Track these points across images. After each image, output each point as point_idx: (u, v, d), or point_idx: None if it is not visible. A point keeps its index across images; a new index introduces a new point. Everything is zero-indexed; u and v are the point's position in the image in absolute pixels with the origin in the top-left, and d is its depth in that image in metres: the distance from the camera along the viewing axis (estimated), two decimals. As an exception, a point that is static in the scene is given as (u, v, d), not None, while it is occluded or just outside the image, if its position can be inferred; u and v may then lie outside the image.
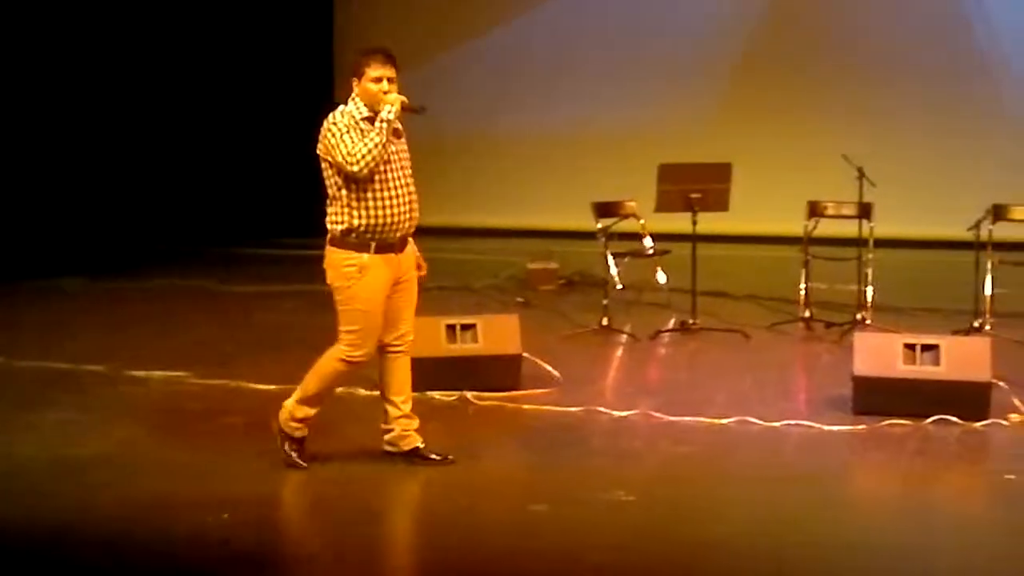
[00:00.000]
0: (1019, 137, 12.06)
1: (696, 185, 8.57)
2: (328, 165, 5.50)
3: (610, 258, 9.22)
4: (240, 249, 12.90)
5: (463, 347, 7.02)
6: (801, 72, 12.65)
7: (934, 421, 6.31)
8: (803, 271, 8.99)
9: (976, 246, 8.68)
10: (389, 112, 5.43)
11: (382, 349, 5.63)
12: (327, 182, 5.53)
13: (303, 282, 10.78)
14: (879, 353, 6.61)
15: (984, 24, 12.46)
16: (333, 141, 5.43)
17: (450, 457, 5.70)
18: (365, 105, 5.49)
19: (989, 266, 8.61)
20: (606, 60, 13.05)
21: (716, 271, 9.39)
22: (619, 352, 8.37)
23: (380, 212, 5.46)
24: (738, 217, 9.25)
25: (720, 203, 8.67)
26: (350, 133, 5.42)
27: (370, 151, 5.38)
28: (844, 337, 8.08)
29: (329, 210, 5.53)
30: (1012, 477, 5.58)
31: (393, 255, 5.54)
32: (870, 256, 8.89)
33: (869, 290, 8.82)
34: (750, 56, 12.89)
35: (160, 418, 6.64)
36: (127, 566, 4.62)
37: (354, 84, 5.57)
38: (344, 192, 5.45)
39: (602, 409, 6.63)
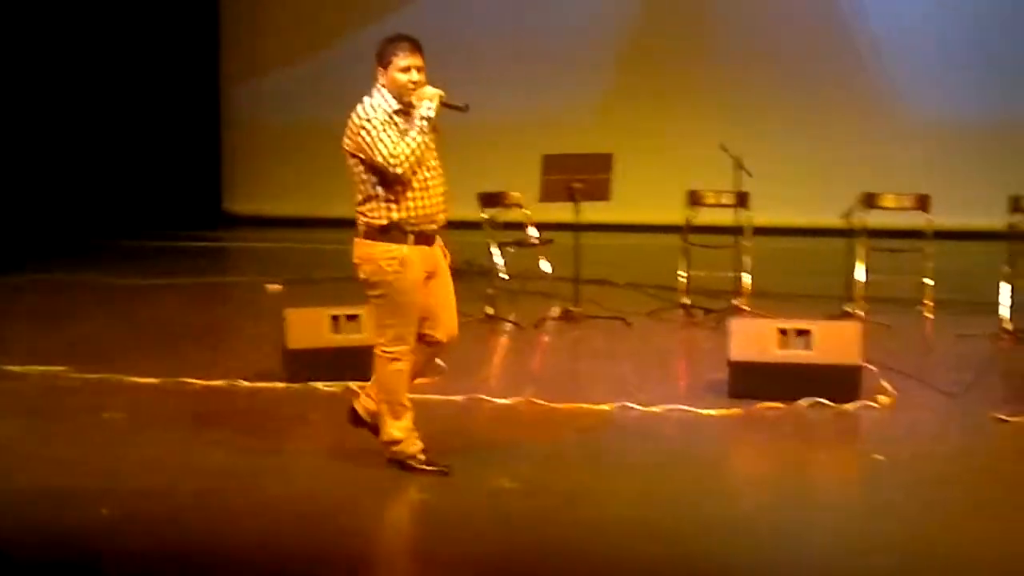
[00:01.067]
0: (890, 128, 12.36)
1: (579, 175, 8.64)
2: (359, 161, 5.24)
3: (495, 248, 9.26)
4: (125, 242, 12.66)
5: (347, 337, 6.98)
6: (682, 65, 12.80)
7: (807, 404, 6.45)
8: (683, 259, 9.12)
9: (848, 233, 8.91)
10: (430, 109, 5.22)
11: (420, 338, 5.47)
12: (358, 178, 5.27)
13: (188, 275, 10.73)
14: (754, 338, 6.73)
15: (857, 20, 12.73)
16: (369, 139, 5.16)
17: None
18: (393, 96, 5.26)
19: (861, 252, 8.82)
20: (490, 51, 13.06)
21: (599, 260, 9.47)
22: (503, 340, 8.40)
23: (419, 204, 5.26)
24: (620, 206, 9.36)
25: (602, 192, 8.74)
26: (387, 131, 5.17)
27: (413, 152, 5.16)
28: (722, 323, 8.20)
29: (364, 206, 5.27)
30: (880, 457, 5.71)
31: (427, 247, 5.36)
32: (747, 244, 9.06)
33: (746, 277, 8.98)
34: (632, 48, 13.00)
35: (39, 413, 6.49)
36: (8, 560, 4.52)
37: (379, 73, 5.31)
38: (381, 189, 5.21)
39: (486, 397, 6.64)
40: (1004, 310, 8.23)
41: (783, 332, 6.69)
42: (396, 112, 5.25)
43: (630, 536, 4.84)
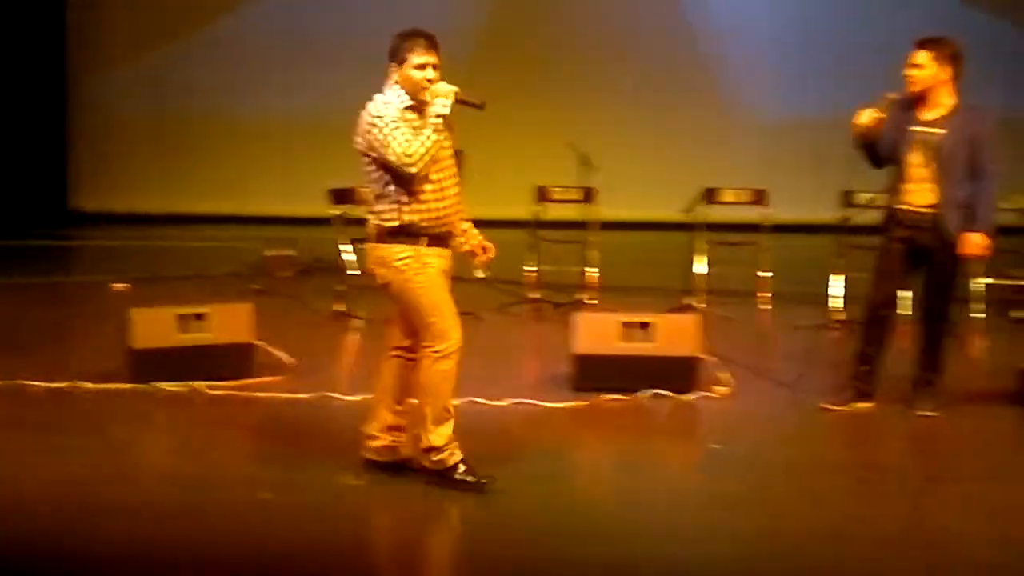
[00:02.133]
0: (730, 126, 12.65)
1: (428, 172, 8.64)
2: (371, 160, 5.05)
3: (346, 244, 9.20)
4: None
5: (196, 336, 6.88)
6: (530, 63, 12.89)
7: (647, 395, 6.58)
8: (531, 254, 9.22)
9: (689, 227, 9.12)
10: (445, 107, 5.06)
11: (397, 349, 5.30)
12: (370, 177, 5.09)
13: (30, 275, 10.40)
14: (597, 331, 6.84)
15: (700, 21, 12.99)
16: (380, 137, 4.98)
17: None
18: (407, 93, 5.09)
19: (701, 246, 9.03)
20: (342, 47, 12.94)
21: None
22: (354, 338, 8.37)
23: (433, 206, 5.10)
24: (470, 202, 9.29)
25: (451, 189, 8.75)
26: (400, 128, 5.00)
27: (428, 150, 4.99)
28: (569, 317, 8.30)
29: (377, 207, 5.10)
30: (717, 446, 5.86)
31: (443, 250, 5.21)
32: (594, 239, 9.20)
33: (593, 271, 9.12)
34: (480, 46, 13.03)
35: None
36: None
37: (392, 69, 5.14)
38: (393, 188, 5.03)
39: (334, 395, 6.62)
40: (835, 301, 8.51)
41: (626, 325, 6.82)
42: (409, 108, 5.09)
43: (475, 531, 4.88)
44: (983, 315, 8.58)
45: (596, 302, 8.76)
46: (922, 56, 6.11)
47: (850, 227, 8.62)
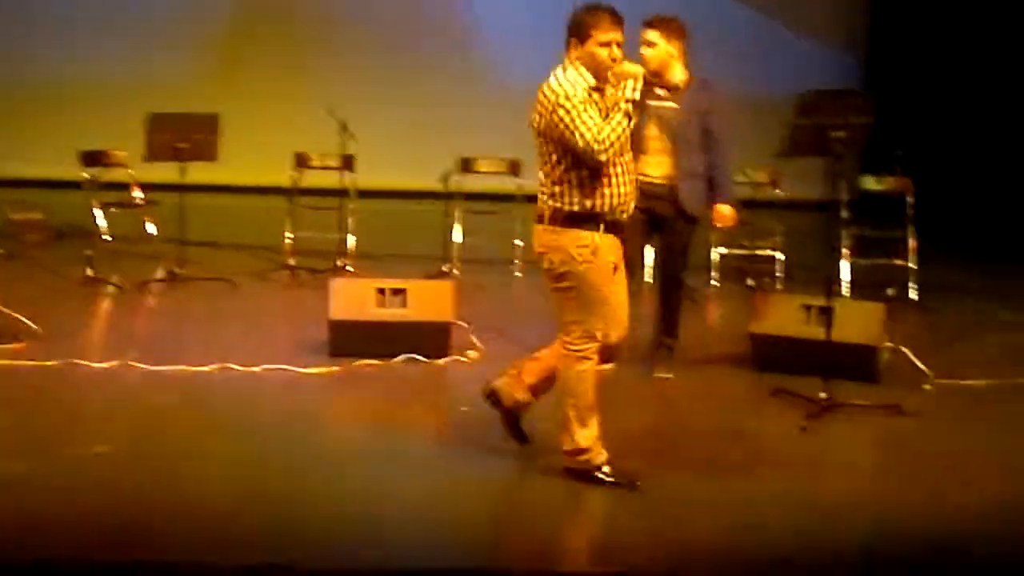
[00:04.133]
0: (487, 96, 12.76)
1: (185, 135, 8.45)
2: (547, 141, 4.74)
3: (97, 208, 8.93)
4: None
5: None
6: (289, 29, 12.66)
7: (401, 360, 6.62)
8: (289, 220, 9.12)
9: (447, 196, 9.20)
10: (635, 91, 4.70)
11: None
12: (547, 158, 4.76)
13: None
14: (353, 298, 6.85)
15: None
16: (567, 120, 4.64)
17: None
18: (590, 72, 4.76)
19: (457, 214, 9.13)
20: (80, 8, 12.42)
21: (205, 221, 9.29)
22: (104, 303, 8.11)
23: (615, 192, 4.79)
24: (227, 168, 9.22)
25: (208, 153, 8.60)
26: (588, 111, 4.66)
27: (619, 137, 4.67)
28: (326, 283, 8.26)
29: (555, 189, 4.76)
30: (466, 409, 5.94)
31: (616, 238, 4.87)
32: (352, 206, 9.18)
33: (351, 238, 9.10)
34: (240, 11, 12.76)
35: None
36: None
37: (573, 45, 4.80)
38: (574, 173, 4.72)
39: (82, 361, 6.41)
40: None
41: (381, 292, 6.84)
42: (594, 89, 4.79)
43: (234, 499, 4.82)
44: (718, 283, 9.00)
45: (353, 269, 8.74)
46: (652, 35, 6.32)
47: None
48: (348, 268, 8.77)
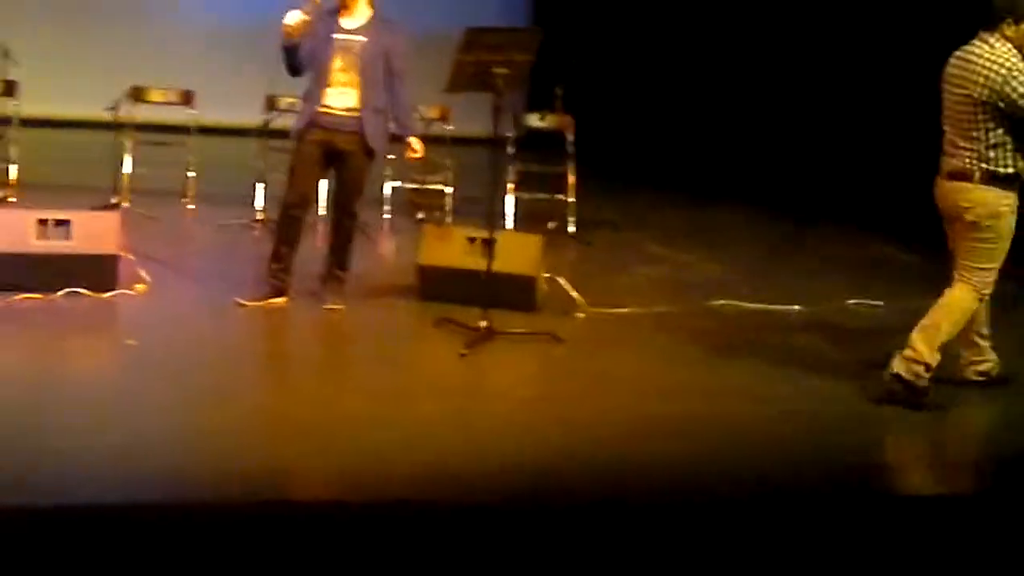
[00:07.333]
0: (160, 25, 12.30)
1: None
2: (989, 108, 5.27)
3: None
4: None
5: None
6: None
7: (64, 294, 6.34)
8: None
9: (115, 126, 8.82)
10: None
11: None
12: (981, 124, 5.31)
13: None
14: (12, 229, 6.47)
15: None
16: (1021, 89, 5.22)
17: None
18: (1017, 49, 5.29)
19: (128, 145, 8.78)
20: None
21: None
22: None
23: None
24: None
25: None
26: None
27: None
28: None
29: (991, 152, 5.33)
30: (133, 342, 5.77)
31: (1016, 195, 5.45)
32: (16, 134, 8.68)
33: (13, 168, 8.59)
34: None
35: None
36: None
37: (1005, 26, 5.31)
38: (1010, 137, 5.31)
39: None
40: (258, 202, 8.62)
41: (43, 222, 6.50)
42: None
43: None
44: (390, 216, 9.07)
45: (16, 200, 8.27)
46: None
47: (272, 130, 8.71)
48: (11, 199, 8.28)
